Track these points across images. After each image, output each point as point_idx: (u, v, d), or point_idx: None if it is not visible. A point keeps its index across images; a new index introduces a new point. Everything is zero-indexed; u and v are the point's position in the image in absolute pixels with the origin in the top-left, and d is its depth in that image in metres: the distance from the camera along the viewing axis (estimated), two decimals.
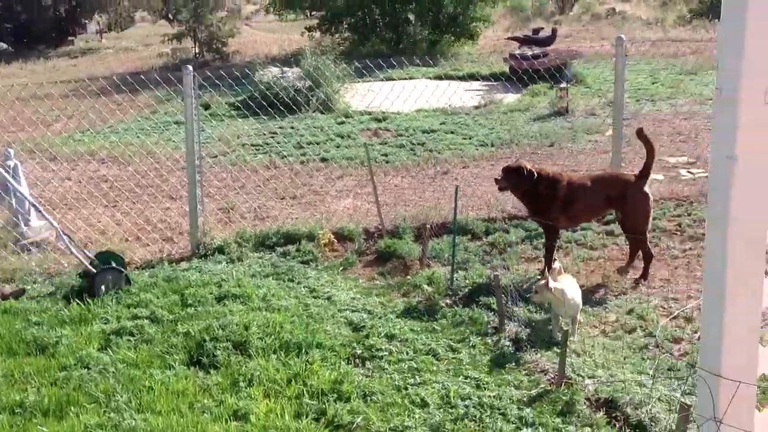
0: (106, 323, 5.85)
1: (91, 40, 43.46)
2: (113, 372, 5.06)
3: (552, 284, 5.34)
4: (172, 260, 7.39)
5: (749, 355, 2.63)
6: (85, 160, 11.16)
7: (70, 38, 44.11)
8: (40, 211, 7.17)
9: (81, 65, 28.84)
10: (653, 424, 4.22)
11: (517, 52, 18.20)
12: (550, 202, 6.45)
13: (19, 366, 5.18)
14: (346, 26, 26.19)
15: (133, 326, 5.74)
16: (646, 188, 6.45)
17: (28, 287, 6.71)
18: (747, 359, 2.63)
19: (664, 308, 5.86)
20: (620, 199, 6.46)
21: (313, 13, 32.69)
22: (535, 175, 6.40)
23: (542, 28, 21.15)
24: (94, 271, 6.44)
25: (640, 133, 6.50)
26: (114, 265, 6.57)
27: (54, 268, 7.26)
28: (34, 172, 9.91)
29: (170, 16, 40.03)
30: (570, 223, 6.80)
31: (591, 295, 6.09)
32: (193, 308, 6.08)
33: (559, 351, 4.89)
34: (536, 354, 5.17)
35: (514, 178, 6.50)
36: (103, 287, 6.36)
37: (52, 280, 6.88)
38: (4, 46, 43.17)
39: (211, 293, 6.34)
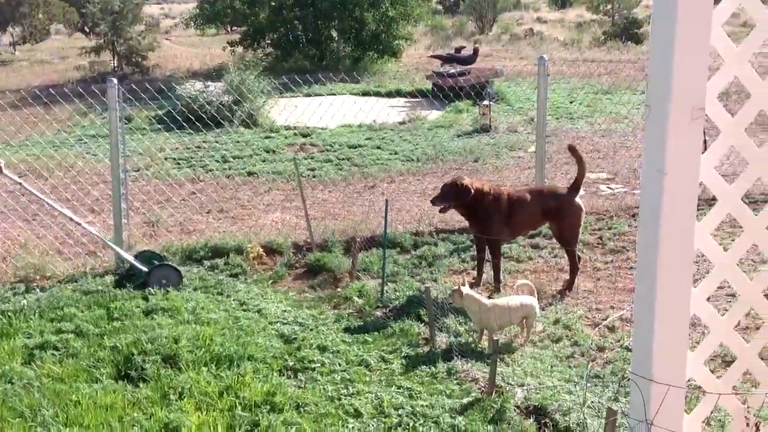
0: (29, 337, 5.70)
1: (5, 52, 42.16)
2: (38, 386, 4.92)
3: (465, 291, 5.49)
4: (96, 274, 7.23)
5: (678, 361, 2.74)
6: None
7: None
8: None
9: None
10: (582, 429, 4.33)
11: (441, 69, 18.47)
12: (492, 216, 6.56)
13: None
14: (268, 42, 26.13)
15: (58, 340, 5.61)
16: (579, 201, 6.65)
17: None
18: (676, 364, 2.74)
19: (589, 318, 6.04)
20: (556, 212, 6.64)
21: (234, 28, 32.52)
22: (472, 191, 6.50)
23: (464, 47, 21.50)
24: (145, 269, 6.73)
25: (572, 149, 6.69)
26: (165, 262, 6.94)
27: None
28: None
29: (87, 29, 39.21)
30: (511, 235, 6.95)
31: None
32: (119, 322, 5.97)
33: (489, 361, 4.98)
34: (467, 364, 5.25)
35: (451, 195, 6.59)
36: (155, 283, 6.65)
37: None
38: None
39: (138, 307, 6.24)
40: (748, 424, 2.85)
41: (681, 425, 2.76)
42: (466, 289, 5.51)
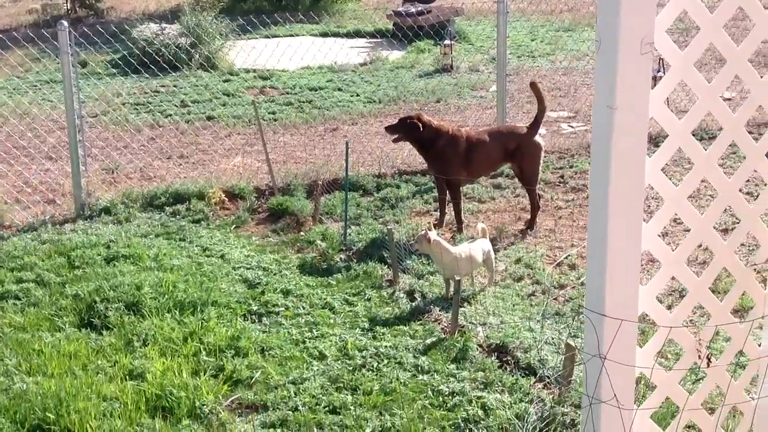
0: None
1: None
2: (0, 336, 4.90)
3: (431, 236, 5.39)
4: (55, 222, 7.16)
5: (630, 295, 2.80)
6: None
7: None
8: None
9: None
10: (542, 365, 4.43)
11: (401, 8, 18.24)
12: (451, 158, 6.57)
13: None
14: None
15: (19, 290, 5.58)
16: (539, 139, 6.68)
17: None
18: (628, 299, 2.80)
19: (550, 257, 6.12)
20: (517, 152, 6.66)
21: None
22: (421, 126, 6.49)
23: None
24: None
25: (534, 86, 6.70)
26: None
27: None
28: None
29: None
30: (471, 176, 6.95)
31: None
32: (81, 270, 5.94)
33: (451, 301, 5.05)
34: (430, 305, 5.32)
35: (403, 127, 6.61)
36: None
37: None
38: None
39: (99, 255, 6.20)
40: (699, 356, 2.93)
41: (634, 359, 2.83)
42: (433, 235, 5.42)
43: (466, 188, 7.60)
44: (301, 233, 6.84)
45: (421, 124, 6.49)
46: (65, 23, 7.33)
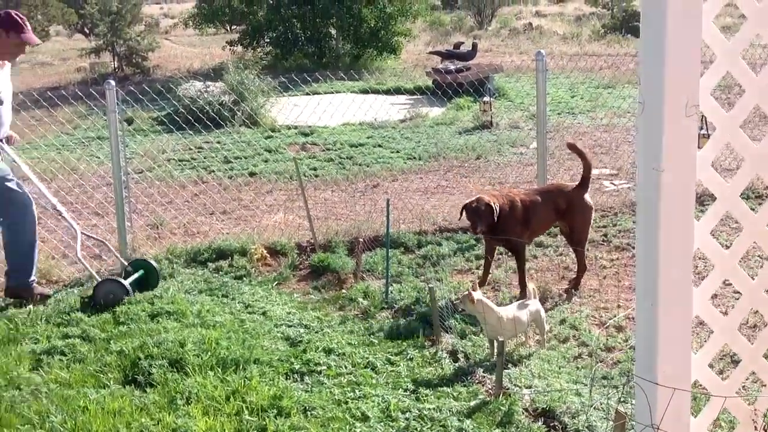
0: (36, 343, 5.72)
1: None
2: (46, 392, 4.94)
3: (475, 296, 5.31)
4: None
5: (682, 363, 2.74)
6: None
7: None
8: (63, 216, 7.02)
9: None
10: None
11: (441, 66, 18.45)
12: (512, 224, 6.39)
13: None
14: (267, 41, 26.10)
15: (65, 345, 5.63)
16: (588, 198, 6.62)
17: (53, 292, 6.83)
18: (680, 366, 2.74)
19: (595, 318, 6.04)
20: (567, 211, 6.58)
21: (233, 27, 32.48)
22: (497, 210, 6.26)
23: (463, 43, 21.47)
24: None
25: (572, 147, 6.66)
26: (131, 276, 6.70)
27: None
28: None
29: (86, 30, 39.12)
30: (529, 239, 6.84)
31: None
32: (125, 326, 5.99)
33: (495, 362, 4.99)
34: (474, 366, 5.26)
35: (484, 216, 6.27)
36: (102, 299, 6.37)
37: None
38: None
39: (143, 310, 6.25)
40: (756, 427, 2.86)
41: (688, 429, 2.77)
42: (478, 295, 5.34)
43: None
44: (343, 290, 6.85)
45: (488, 207, 6.25)
46: (112, 82, 7.53)
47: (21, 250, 6.72)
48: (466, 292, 5.39)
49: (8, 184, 6.66)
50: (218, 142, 12.74)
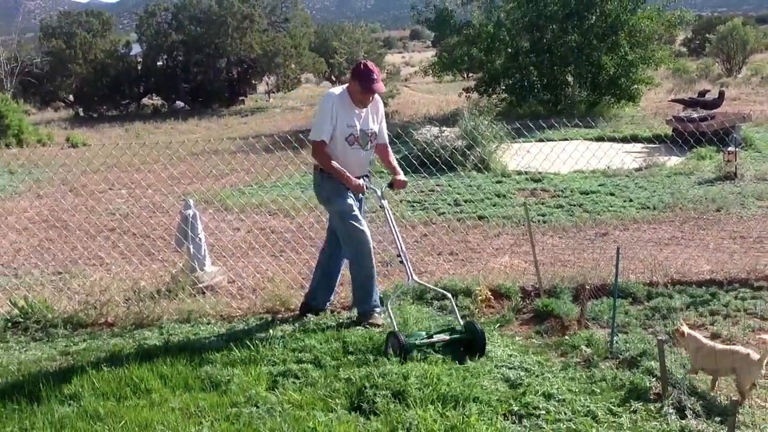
0: (273, 365, 6.15)
1: (260, 99, 45.79)
2: (280, 411, 5.30)
3: (684, 330, 5.25)
4: (333, 309, 7.67)
5: None
6: (254, 211, 11.78)
7: (241, 98, 47.00)
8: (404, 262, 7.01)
9: (251, 123, 30.46)
10: None
11: (683, 114, 17.79)
12: None
13: (195, 400, 5.52)
14: (503, 87, 26.45)
15: (298, 369, 6.01)
16: None
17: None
18: None
19: None
20: None
21: (470, 74, 33.19)
22: None
23: (708, 90, 20.57)
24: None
25: None
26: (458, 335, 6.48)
27: (225, 311, 7.71)
28: (209, 222, 10.55)
29: (333, 77, 41.66)
30: None
31: None
32: (353, 355, 6.29)
33: (726, 422, 4.73)
34: (702, 423, 5.01)
35: None
36: (390, 349, 6.35)
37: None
38: (182, 104, 46.58)
39: (371, 343, 6.54)
40: None
41: None
42: (686, 329, 5.31)
43: (747, 303, 7.15)
44: (566, 337, 6.76)
45: None
46: None
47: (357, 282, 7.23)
48: (676, 327, 5.30)
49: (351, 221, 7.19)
50: (449, 185, 13.07)
